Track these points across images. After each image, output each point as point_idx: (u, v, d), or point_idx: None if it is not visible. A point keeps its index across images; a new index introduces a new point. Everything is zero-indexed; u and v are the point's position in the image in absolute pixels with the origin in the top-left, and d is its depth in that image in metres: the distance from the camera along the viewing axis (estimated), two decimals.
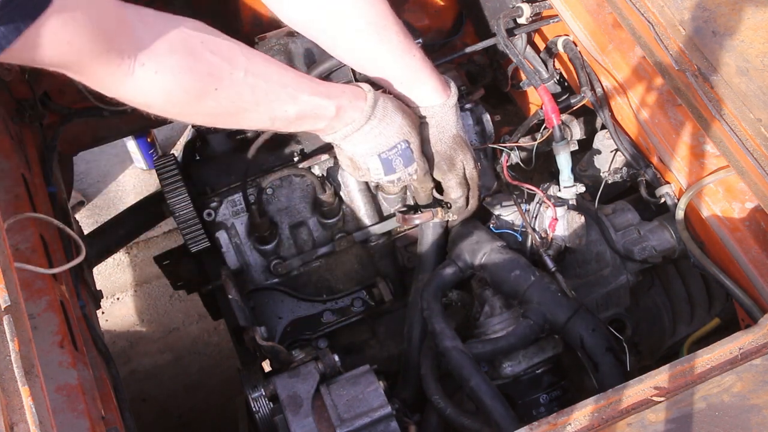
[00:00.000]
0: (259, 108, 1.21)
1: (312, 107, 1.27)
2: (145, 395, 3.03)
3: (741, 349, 1.14)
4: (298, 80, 1.26)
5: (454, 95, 1.45)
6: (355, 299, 1.73)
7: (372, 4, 1.31)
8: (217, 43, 1.14)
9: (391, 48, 1.35)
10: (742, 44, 1.35)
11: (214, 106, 1.15)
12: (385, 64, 1.38)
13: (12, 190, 1.50)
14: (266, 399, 1.44)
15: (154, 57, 1.03)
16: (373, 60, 1.38)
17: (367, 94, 1.34)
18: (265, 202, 1.67)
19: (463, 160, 1.50)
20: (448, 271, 1.55)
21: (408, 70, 1.39)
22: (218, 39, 1.15)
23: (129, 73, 1.02)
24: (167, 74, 1.06)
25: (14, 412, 0.96)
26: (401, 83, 1.41)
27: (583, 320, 1.44)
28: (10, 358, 0.99)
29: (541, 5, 1.72)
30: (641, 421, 1.06)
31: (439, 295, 1.52)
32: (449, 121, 1.45)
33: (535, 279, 1.49)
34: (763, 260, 1.33)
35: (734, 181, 1.38)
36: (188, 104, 1.13)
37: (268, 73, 1.21)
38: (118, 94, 1.05)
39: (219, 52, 1.13)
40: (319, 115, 1.29)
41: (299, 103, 1.25)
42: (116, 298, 3.25)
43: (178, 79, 1.08)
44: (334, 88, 1.31)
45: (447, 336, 1.45)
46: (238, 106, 1.18)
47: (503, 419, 1.36)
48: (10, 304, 1.03)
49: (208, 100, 1.13)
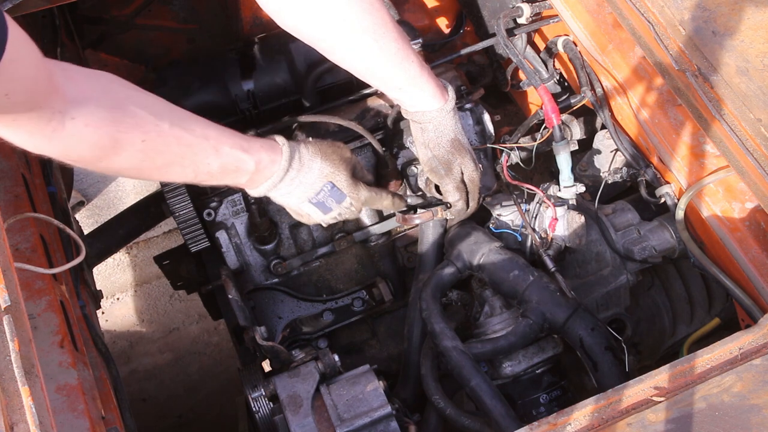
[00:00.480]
0: (184, 161, 1.23)
1: (233, 160, 1.29)
2: (145, 395, 3.03)
3: (741, 349, 1.14)
4: (220, 133, 1.28)
5: (452, 100, 1.46)
6: (355, 299, 1.73)
7: (370, 12, 1.31)
8: (142, 97, 1.18)
9: (389, 55, 1.36)
10: (742, 44, 1.35)
11: (141, 158, 1.18)
12: (383, 70, 1.39)
13: (12, 190, 1.50)
14: (266, 399, 1.44)
15: (83, 111, 1.06)
16: (371, 67, 1.39)
17: (281, 147, 1.36)
18: (265, 201, 1.67)
19: (461, 164, 1.50)
20: (446, 271, 1.55)
21: (406, 77, 1.40)
22: (142, 94, 1.18)
23: (59, 127, 1.04)
24: (96, 126, 1.09)
25: (14, 412, 0.96)
26: (399, 89, 1.43)
27: (582, 319, 1.45)
28: (10, 358, 0.99)
29: (541, 5, 1.72)
30: (641, 421, 1.06)
31: (438, 296, 1.52)
32: (446, 126, 1.46)
33: (534, 279, 1.49)
34: (763, 260, 1.33)
35: (734, 181, 1.38)
36: (116, 156, 1.14)
37: (192, 126, 1.24)
38: (46, 149, 1.08)
39: (144, 105, 1.17)
40: (241, 169, 1.31)
41: (221, 155, 1.27)
42: (116, 298, 3.25)
43: (107, 131, 1.11)
44: (254, 143, 1.33)
45: (447, 336, 1.45)
46: (165, 159, 1.21)
47: (503, 419, 1.36)
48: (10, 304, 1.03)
49: (135, 152, 1.16)
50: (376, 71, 1.40)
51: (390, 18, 1.34)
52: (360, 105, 1.74)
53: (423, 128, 1.47)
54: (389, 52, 1.35)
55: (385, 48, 1.35)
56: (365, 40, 1.33)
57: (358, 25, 1.31)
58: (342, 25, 1.31)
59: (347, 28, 1.31)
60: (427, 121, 1.46)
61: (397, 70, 1.38)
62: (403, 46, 1.36)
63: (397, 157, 1.72)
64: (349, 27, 1.31)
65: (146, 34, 1.91)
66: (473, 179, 1.53)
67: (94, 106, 1.08)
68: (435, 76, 1.45)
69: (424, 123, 1.46)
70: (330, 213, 1.45)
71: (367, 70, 1.40)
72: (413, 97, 1.44)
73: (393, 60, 1.37)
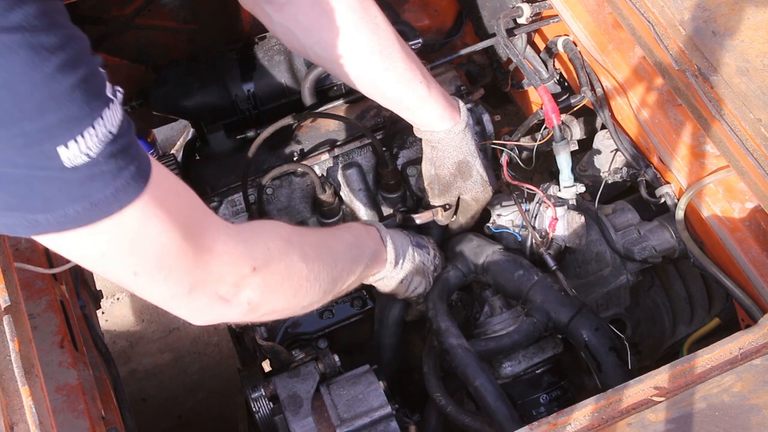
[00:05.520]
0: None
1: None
2: (145, 395, 3.03)
3: (741, 349, 1.14)
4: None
5: (463, 120, 1.45)
6: (355, 299, 1.72)
7: (376, 32, 1.30)
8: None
9: (397, 76, 1.35)
10: (742, 44, 1.35)
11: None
12: (392, 91, 1.38)
13: None
14: (266, 399, 1.44)
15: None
16: (380, 87, 1.38)
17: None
18: (265, 201, 1.67)
19: (462, 189, 1.52)
20: (452, 274, 1.55)
21: (414, 97, 1.39)
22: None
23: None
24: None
25: (14, 412, 0.97)
26: (408, 109, 1.42)
27: (586, 319, 1.44)
28: (10, 358, 0.99)
29: (541, 5, 1.72)
30: (641, 421, 1.06)
31: (444, 297, 1.52)
32: (454, 147, 1.46)
33: (539, 279, 1.49)
34: (763, 260, 1.33)
35: (734, 181, 1.38)
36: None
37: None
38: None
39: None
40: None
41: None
42: (116, 298, 3.25)
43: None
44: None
45: (452, 334, 1.45)
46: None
47: (506, 420, 1.36)
48: (10, 304, 1.04)
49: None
50: (386, 92, 1.39)
51: (397, 38, 1.34)
52: (360, 105, 1.74)
53: (433, 147, 1.48)
54: (396, 73, 1.35)
55: (393, 68, 1.34)
56: (373, 61, 1.32)
57: (367, 47, 1.30)
58: (350, 47, 1.30)
59: (355, 50, 1.31)
60: (436, 141, 1.46)
61: (406, 90, 1.38)
62: (411, 66, 1.36)
63: (397, 157, 1.72)
64: (357, 48, 1.30)
65: (146, 34, 1.90)
66: (477, 200, 1.55)
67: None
68: (446, 94, 1.44)
69: (433, 142, 1.47)
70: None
71: (376, 91, 1.40)
72: (423, 117, 1.43)
73: (400, 81, 1.36)
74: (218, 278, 0.95)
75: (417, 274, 1.49)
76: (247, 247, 1.01)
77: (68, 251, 0.82)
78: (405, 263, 1.45)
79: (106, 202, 0.76)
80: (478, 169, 1.50)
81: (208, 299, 0.96)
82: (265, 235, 1.08)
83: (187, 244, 0.88)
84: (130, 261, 0.85)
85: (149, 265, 0.86)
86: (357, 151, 1.70)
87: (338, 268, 1.24)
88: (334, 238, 1.31)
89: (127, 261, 0.85)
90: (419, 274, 1.49)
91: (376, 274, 1.41)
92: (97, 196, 0.75)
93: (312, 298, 1.18)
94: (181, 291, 0.92)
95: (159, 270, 0.88)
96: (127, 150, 0.76)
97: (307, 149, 1.69)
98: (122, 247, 0.83)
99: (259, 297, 1.04)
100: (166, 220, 0.84)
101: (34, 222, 0.75)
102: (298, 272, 1.12)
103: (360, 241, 1.36)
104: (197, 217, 0.92)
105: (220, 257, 0.94)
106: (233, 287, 0.98)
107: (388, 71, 1.34)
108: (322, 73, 1.72)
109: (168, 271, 0.89)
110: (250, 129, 1.70)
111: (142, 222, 0.81)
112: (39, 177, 0.71)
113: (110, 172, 0.75)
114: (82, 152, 0.71)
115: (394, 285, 1.46)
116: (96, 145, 0.72)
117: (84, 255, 0.83)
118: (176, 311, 0.96)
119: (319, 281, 1.18)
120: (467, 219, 1.60)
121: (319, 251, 1.20)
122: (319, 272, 1.18)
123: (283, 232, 1.13)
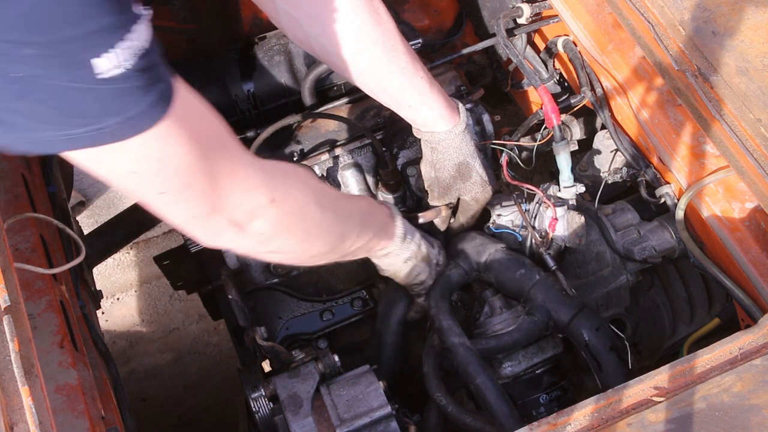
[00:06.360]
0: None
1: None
2: (145, 395, 3.03)
3: (741, 349, 1.14)
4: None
5: (463, 122, 1.44)
6: (355, 299, 1.73)
7: (379, 23, 1.30)
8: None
9: (399, 69, 1.34)
10: (742, 44, 1.35)
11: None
12: (393, 86, 1.37)
13: (12, 190, 1.50)
14: (266, 399, 1.44)
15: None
16: (381, 82, 1.37)
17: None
18: None
19: (461, 190, 1.52)
20: (454, 272, 1.55)
21: (415, 93, 1.38)
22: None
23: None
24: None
25: (14, 412, 0.97)
26: (409, 107, 1.41)
27: (586, 319, 1.44)
28: (10, 358, 0.99)
29: (541, 5, 1.72)
30: (641, 421, 1.06)
31: (446, 295, 1.52)
32: (454, 149, 1.46)
33: (540, 278, 1.49)
34: (763, 260, 1.33)
35: (734, 181, 1.38)
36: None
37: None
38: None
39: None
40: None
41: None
42: (116, 298, 3.25)
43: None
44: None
45: (454, 332, 1.45)
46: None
47: (507, 419, 1.36)
48: (10, 304, 1.03)
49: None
50: (387, 86, 1.38)
51: (398, 32, 1.33)
52: (360, 105, 1.74)
53: (432, 148, 1.47)
54: (399, 66, 1.34)
55: (396, 62, 1.33)
56: (376, 52, 1.31)
57: (370, 38, 1.30)
58: (354, 37, 1.29)
59: (359, 41, 1.30)
60: (436, 142, 1.45)
61: (408, 86, 1.37)
62: (412, 61, 1.35)
63: (397, 157, 1.72)
64: (360, 39, 1.30)
65: None
66: (477, 200, 1.55)
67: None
68: (446, 94, 1.43)
69: (433, 143, 1.46)
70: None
71: (378, 85, 1.39)
72: (423, 117, 1.42)
73: (403, 75, 1.35)
74: (236, 203, 0.97)
75: (422, 260, 1.49)
76: (267, 178, 1.03)
77: (98, 166, 0.83)
78: (412, 244, 1.46)
79: (139, 118, 0.77)
80: (477, 170, 1.50)
81: (224, 223, 0.98)
82: (287, 173, 1.11)
83: (210, 166, 0.90)
84: (158, 180, 0.86)
85: (176, 185, 0.88)
86: (357, 151, 1.70)
87: (349, 226, 1.27)
88: (349, 199, 1.38)
89: (155, 179, 0.86)
90: (424, 261, 1.50)
91: (384, 248, 1.42)
92: (132, 110, 0.76)
93: (320, 249, 1.22)
94: (201, 213, 0.94)
95: (184, 190, 0.90)
96: (155, 67, 0.77)
97: (307, 149, 1.69)
98: (152, 166, 0.84)
99: (271, 230, 1.06)
100: (191, 140, 0.85)
101: (69, 137, 0.75)
102: (312, 217, 1.15)
103: (373, 210, 1.39)
104: (222, 140, 0.94)
105: (241, 183, 0.96)
106: (248, 214, 1.00)
107: (391, 64, 1.33)
108: (322, 73, 1.72)
109: (192, 192, 0.90)
110: (250, 129, 1.70)
111: (171, 141, 0.83)
112: (76, 89, 0.71)
113: (142, 87, 0.75)
114: (118, 64, 0.72)
115: (399, 264, 1.46)
116: (130, 57, 0.73)
117: (113, 171, 0.84)
118: (192, 231, 0.98)
119: (329, 233, 1.21)
120: (467, 219, 1.60)
121: (335, 205, 1.24)
122: (331, 224, 1.21)
123: (304, 176, 1.16)
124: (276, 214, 1.05)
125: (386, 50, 1.32)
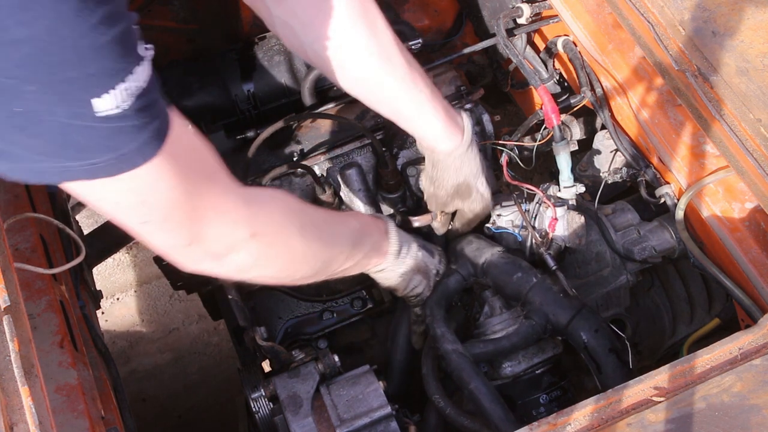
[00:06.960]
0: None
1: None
2: (145, 395, 3.03)
3: (741, 349, 1.14)
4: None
5: (465, 142, 1.40)
6: (355, 299, 1.72)
7: (375, 34, 1.27)
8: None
9: (395, 80, 1.32)
10: (742, 44, 1.35)
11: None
12: (389, 96, 1.35)
13: (12, 190, 1.50)
14: (266, 399, 1.44)
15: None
16: (376, 92, 1.35)
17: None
18: None
19: (459, 205, 1.52)
20: (452, 280, 1.54)
21: (412, 105, 1.35)
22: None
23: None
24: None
25: (14, 412, 0.97)
26: (406, 119, 1.39)
27: (585, 321, 1.44)
28: (10, 358, 0.99)
29: (541, 5, 1.72)
30: (641, 421, 1.06)
31: (442, 303, 1.52)
32: (453, 170, 1.44)
33: (537, 281, 1.49)
34: (763, 260, 1.33)
35: (734, 181, 1.38)
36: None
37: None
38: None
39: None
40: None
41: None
42: (116, 298, 3.25)
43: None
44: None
45: (447, 339, 1.45)
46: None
47: (502, 422, 1.36)
48: (10, 304, 1.04)
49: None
50: (382, 97, 1.35)
51: (397, 43, 1.30)
52: (360, 105, 1.73)
53: (433, 165, 1.46)
54: (395, 77, 1.31)
55: (391, 72, 1.30)
56: (371, 63, 1.29)
57: (365, 48, 1.27)
58: (348, 47, 1.27)
59: (353, 50, 1.28)
60: (436, 160, 1.44)
61: (404, 97, 1.33)
62: (410, 72, 1.32)
63: (397, 157, 1.72)
64: (355, 49, 1.28)
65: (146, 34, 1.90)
66: (477, 214, 1.55)
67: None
68: (449, 108, 1.39)
69: (433, 160, 1.45)
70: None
71: (372, 95, 1.36)
72: (422, 130, 1.40)
73: (399, 86, 1.32)
74: (216, 236, 1.00)
75: (418, 272, 1.48)
76: (250, 212, 1.05)
77: (84, 194, 0.86)
78: (407, 258, 1.45)
79: (132, 155, 0.81)
80: (478, 188, 1.49)
81: (202, 254, 1.01)
82: (271, 204, 1.12)
83: (193, 201, 0.94)
84: (141, 210, 0.90)
85: (157, 216, 0.92)
86: (357, 151, 1.70)
87: (336, 250, 1.28)
88: (338, 220, 1.35)
89: (138, 210, 0.90)
90: (420, 273, 1.49)
91: (378, 264, 1.42)
92: (125, 148, 0.79)
93: (303, 275, 1.23)
94: (181, 243, 0.98)
95: (165, 221, 0.93)
96: (152, 106, 0.80)
97: (307, 149, 1.69)
98: (136, 198, 0.88)
99: (251, 261, 1.08)
100: (178, 176, 0.89)
101: (64, 169, 0.79)
102: (294, 248, 1.16)
103: (365, 228, 1.38)
104: (209, 174, 0.97)
105: (223, 217, 0.99)
106: (227, 248, 1.03)
107: (387, 75, 1.30)
108: (322, 74, 1.72)
109: (172, 224, 0.94)
110: (250, 129, 1.70)
111: (157, 177, 0.86)
112: (75, 126, 0.74)
113: (138, 126, 0.79)
114: (116, 105, 0.75)
115: (394, 279, 1.46)
116: (128, 98, 0.76)
117: (99, 199, 0.88)
118: (172, 259, 1.02)
119: (313, 260, 1.22)
120: (464, 226, 1.60)
121: (320, 232, 1.24)
122: (316, 251, 1.22)
123: (289, 205, 1.17)
124: (256, 247, 1.07)
125: (381, 60, 1.29)
